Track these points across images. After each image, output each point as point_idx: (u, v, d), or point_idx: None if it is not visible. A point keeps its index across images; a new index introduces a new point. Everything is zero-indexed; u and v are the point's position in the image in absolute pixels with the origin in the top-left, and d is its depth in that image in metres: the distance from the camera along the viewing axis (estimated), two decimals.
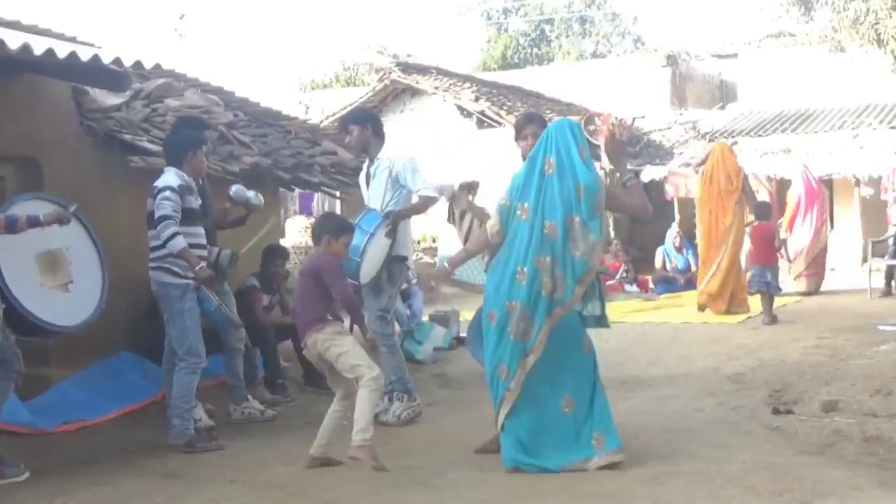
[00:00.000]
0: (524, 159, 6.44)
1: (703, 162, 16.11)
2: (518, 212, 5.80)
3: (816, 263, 15.80)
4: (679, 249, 17.12)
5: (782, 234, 14.89)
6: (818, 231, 15.76)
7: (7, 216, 5.72)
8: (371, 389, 5.93)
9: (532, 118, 6.79)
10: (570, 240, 5.74)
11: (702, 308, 13.56)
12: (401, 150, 7.53)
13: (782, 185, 19.84)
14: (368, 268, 7.05)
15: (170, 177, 6.83)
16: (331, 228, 6.27)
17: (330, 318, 6.17)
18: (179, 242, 6.62)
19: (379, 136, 7.55)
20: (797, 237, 15.67)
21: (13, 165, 7.60)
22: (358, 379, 5.97)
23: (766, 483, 5.28)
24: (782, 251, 14.69)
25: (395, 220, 7.17)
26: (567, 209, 5.74)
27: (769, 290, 12.46)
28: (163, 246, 6.69)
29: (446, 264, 6.10)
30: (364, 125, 7.54)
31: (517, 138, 6.62)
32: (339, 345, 6.03)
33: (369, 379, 5.93)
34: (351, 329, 6.81)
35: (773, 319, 12.35)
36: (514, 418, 5.77)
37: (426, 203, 7.42)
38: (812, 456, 5.94)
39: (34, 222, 5.87)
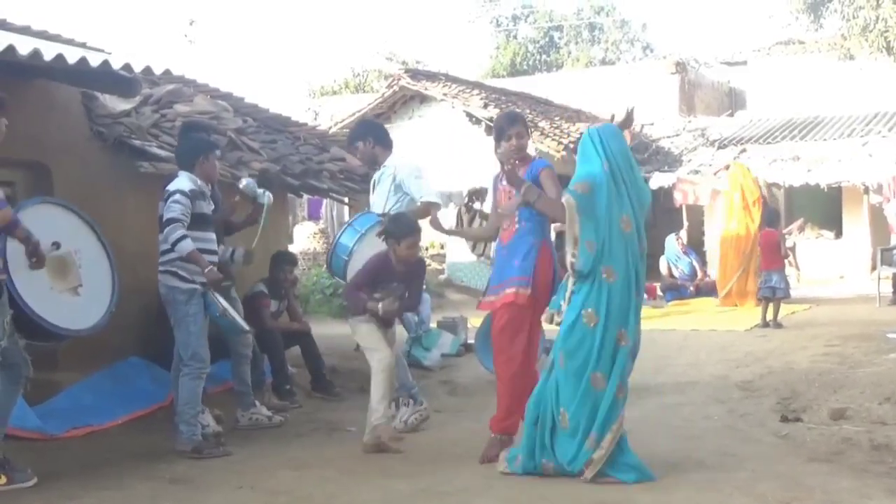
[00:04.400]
0: (503, 163, 6.26)
1: (719, 171, 16.66)
2: (622, 225, 5.63)
3: None
4: (684, 254, 17.14)
5: (789, 242, 15.11)
6: None
7: (15, 216, 5.68)
8: (376, 371, 6.41)
9: (516, 119, 6.48)
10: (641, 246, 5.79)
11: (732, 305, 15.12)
12: (405, 158, 7.52)
13: (791, 193, 19.87)
14: (356, 268, 7.02)
15: (182, 181, 6.84)
16: (395, 232, 6.53)
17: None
18: (187, 245, 6.63)
19: (384, 144, 7.52)
20: None
21: (23, 170, 7.63)
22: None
23: (774, 491, 5.26)
24: (790, 258, 14.92)
25: None
26: (640, 225, 5.77)
27: (775, 295, 12.51)
28: (171, 250, 6.70)
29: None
30: (365, 139, 7.52)
31: (500, 139, 6.33)
32: (359, 334, 6.60)
33: (375, 361, 6.45)
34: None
35: (777, 325, 12.37)
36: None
37: (428, 209, 7.34)
38: (821, 464, 5.93)
39: (27, 236, 5.71)
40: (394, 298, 6.51)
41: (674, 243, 17.24)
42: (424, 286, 9.35)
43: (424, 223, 6.99)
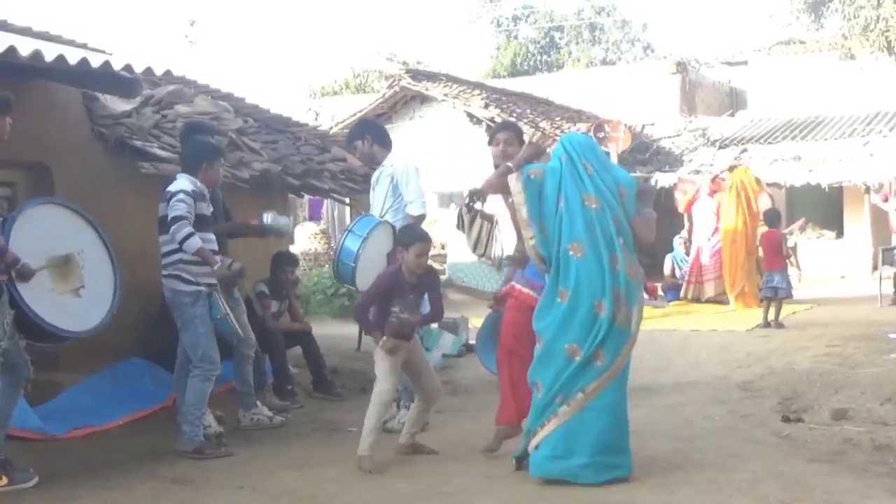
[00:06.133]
0: (495, 166, 6.55)
1: (726, 171, 16.64)
2: (587, 203, 5.71)
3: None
4: (688, 255, 17.11)
5: (790, 242, 15.14)
6: None
7: (2, 246, 5.69)
8: (372, 402, 6.30)
9: (508, 125, 6.96)
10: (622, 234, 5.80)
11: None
12: (404, 159, 7.51)
13: (792, 192, 19.84)
14: (364, 273, 7.01)
15: (182, 182, 6.85)
16: (403, 239, 6.48)
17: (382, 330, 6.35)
18: (195, 242, 6.63)
19: (382, 143, 7.53)
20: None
21: (24, 171, 7.63)
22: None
23: (775, 492, 5.26)
24: (792, 259, 14.93)
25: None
26: (614, 207, 5.79)
27: (777, 295, 12.49)
28: (174, 252, 6.70)
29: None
30: (363, 137, 7.55)
31: (489, 143, 6.71)
32: (376, 357, 6.36)
33: (375, 393, 6.31)
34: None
35: (779, 325, 12.36)
36: (584, 421, 5.62)
37: (416, 222, 7.23)
38: (822, 464, 5.93)
39: (14, 262, 5.74)
40: (406, 315, 6.36)
41: (680, 245, 17.21)
42: None
43: (433, 223, 6.97)
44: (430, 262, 6.65)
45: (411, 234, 6.47)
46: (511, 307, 6.47)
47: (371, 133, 7.59)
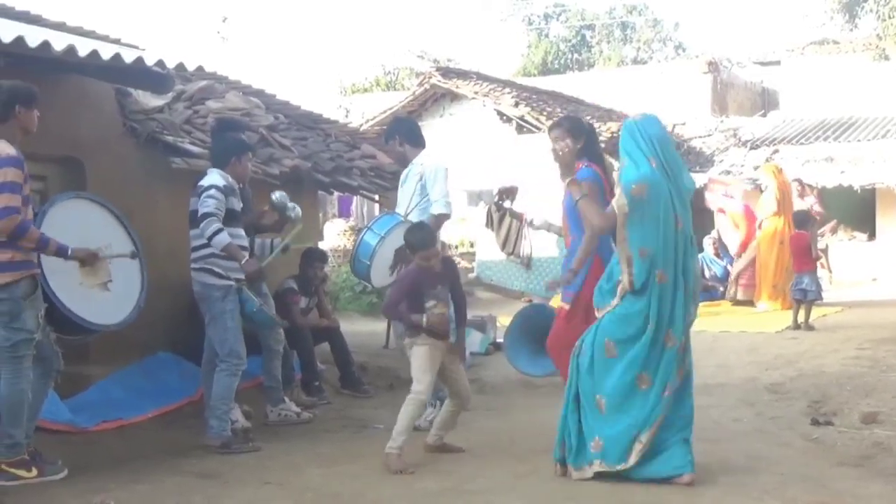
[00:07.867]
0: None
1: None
2: (676, 224, 5.48)
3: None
4: (718, 256, 17.01)
5: (821, 244, 14.98)
6: None
7: (41, 236, 5.73)
8: (407, 401, 6.19)
9: (557, 123, 6.76)
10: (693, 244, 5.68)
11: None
12: (434, 158, 7.52)
13: (824, 194, 19.68)
14: (380, 271, 7.02)
15: (214, 177, 6.89)
16: (410, 246, 6.32)
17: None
18: (224, 238, 6.66)
19: (411, 142, 7.54)
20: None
21: (56, 165, 7.68)
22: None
23: (803, 495, 5.23)
24: (823, 261, 14.76)
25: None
26: (690, 214, 5.63)
27: (807, 297, 12.38)
28: (205, 246, 6.73)
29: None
30: (393, 137, 7.60)
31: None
32: (412, 354, 6.26)
33: (412, 393, 6.19)
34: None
35: (808, 327, 12.25)
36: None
37: (438, 221, 7.23)
38: (851, 468, 5.88)
39: (62, 252, 5.81)
40: (439, 311, 6.22)
41: (710, 246, 17.11)
42: None
43: (462, 221, 6.97)
44: (455, 258, 6.62)
45: (418, 239, 6.21)
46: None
47: (400, 133, 7.61)
